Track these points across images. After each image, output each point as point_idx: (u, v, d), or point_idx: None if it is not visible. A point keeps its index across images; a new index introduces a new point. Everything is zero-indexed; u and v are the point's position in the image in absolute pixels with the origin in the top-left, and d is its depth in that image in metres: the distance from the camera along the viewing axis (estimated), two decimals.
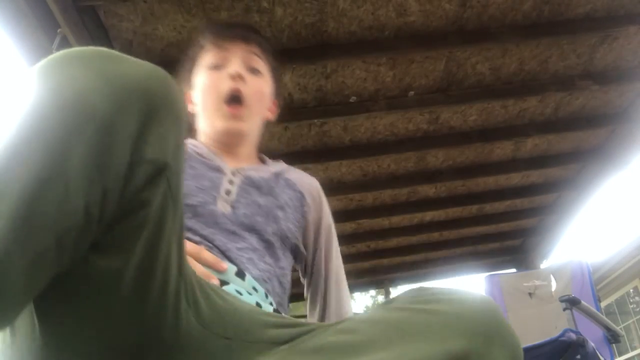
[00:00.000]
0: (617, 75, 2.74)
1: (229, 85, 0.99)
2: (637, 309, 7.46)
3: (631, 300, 7.56)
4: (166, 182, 0.51)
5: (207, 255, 0.80)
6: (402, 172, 3.31)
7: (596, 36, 2.50)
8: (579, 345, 2.01)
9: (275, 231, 0.93)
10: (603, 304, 6.98)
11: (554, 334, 2.08)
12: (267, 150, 3.20)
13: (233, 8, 2.08)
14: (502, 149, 3.27)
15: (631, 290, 7.39)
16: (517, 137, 3.10)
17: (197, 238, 0.84)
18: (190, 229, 0.84)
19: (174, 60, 2.24)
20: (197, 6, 2.05)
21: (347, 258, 4.76)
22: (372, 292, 16.76)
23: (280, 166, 1.10)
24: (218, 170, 0.97)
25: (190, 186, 0.90)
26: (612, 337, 2.44)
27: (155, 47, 2.21)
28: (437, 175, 3.38)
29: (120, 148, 0.46)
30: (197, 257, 0.78)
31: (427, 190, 3.60)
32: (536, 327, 2.87)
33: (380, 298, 16.08)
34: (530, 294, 3.09)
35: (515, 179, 3.63)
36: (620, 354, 6.91)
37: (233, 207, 0.91)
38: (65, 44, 1.99)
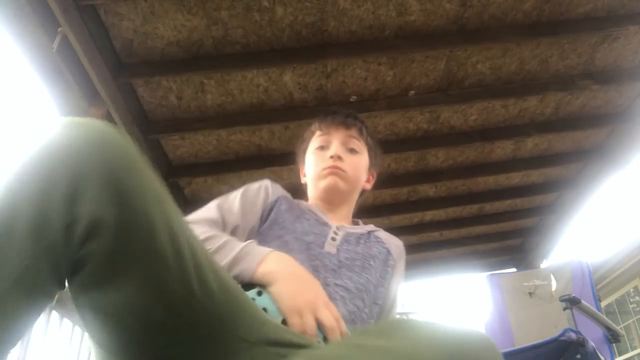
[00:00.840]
0: (617, 75, 2.74)
1: (329, 164, 1.22)
2: (637, 309, 7.46)
3: (631, 300, 7.56)
4: (110, 229, 0.55)
5: (343, 327, 0.86)
6: (403, 171, 3.31)
7: (597, 36, 2.51)
8: (579, 344, 2.00)
9: (369, 278, 1.07)
10: (603, 304, 6.98)
11: (554, 333, 2.08)
12: (268, 149, 3.22)
13: (234, 7, 2.08)
14: (503, 149, 3.27)
15: (631, 290, 7.38)
16: (517, 137, 3.10)
17: (305, 266, 0.97)
18: (302, 260, 0.98)
19: (174, 59, 2.27)
20: (197, 5, 2.05)
21: None
22: None
23: (371, 227, 1.28)
24: (325, 224, 1.18)
25: (306, 229, 1.12)
26: (612, 337, 2.44)
27: (156, 46, 2.21)
28: (437, 175, 3.38)
29: (56, 209, 0.54)
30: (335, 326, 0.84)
31: (428, 189, 3.60)
32: (536, 327, 2.87)
33: None
34: (530, 293, 3.09)
35: (515, 178, 3.63)
36: (620, 354, 6.90)
37: (338, 250, 1.10)
38: (65, 43, 1.99)
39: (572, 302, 2.20)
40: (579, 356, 2.03)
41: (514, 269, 4.71)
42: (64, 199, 0.54)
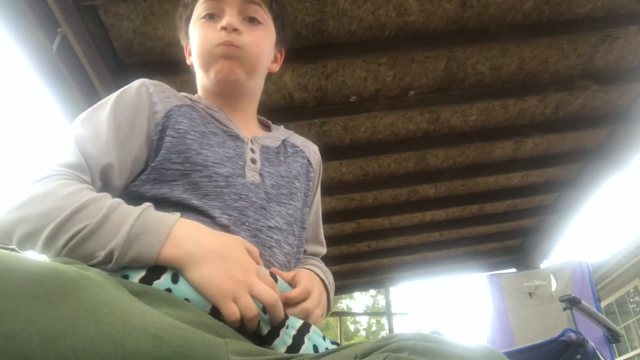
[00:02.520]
0: (617, 75, 2.74)
1: (221, 39, 0.90)
2: (637, 309, 7.46)
3: (631, 300, 7.56)
4: None
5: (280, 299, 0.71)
6: (403, 171, 3.31)
7: (596, 36, 2.51)
8: (579, 345, 2.01)
9: (297, 205, 0.91)
10: (603, 304, 6.98)
11: (554, 333, 2.08)
12: None
13: None
14: (503, 149, 3.27)
15: (631, 290, 7.38)
16: (517, 137, 3.10)
17: (225, 217, 0.77)
18: (222, 209, 0.78)
19: (174, 59, 2.26)
20: None
21: (347, 258, 4.77)
22: (372, 291, 16.79)
23: (284, 132, 1.05)
24: (237, 137, 0.91)
25: (218, 154, 0.84)
26: (612, 337, 2.44)
27: (156, 46, 2.21)
28: (437, 175, 3.39)
29: None
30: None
31: (427, 190, 3.60)
32: (536, 327, 2.87)
33: (381, 298, 16.08)
34: (530, 293, 3.09)
35: (515, 179, 3.63)
36: (620, 354, 6.90)
37: (261, 175, 0.87)
38: (65, 43, 1.99)
39: (572, 302, 2.20)
40: (579, 356, 2.03)
41: (514, 269, 4.72)
42: None
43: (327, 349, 0.68)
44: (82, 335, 0.44)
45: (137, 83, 0.92)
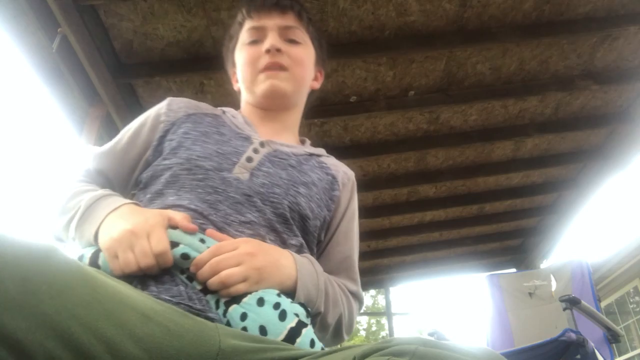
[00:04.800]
0: (617, 75, 2.75)
1: (266, 60, 0.97)
2: (637, 309, 7.46)
3: (631, 300, 7.56)
4: None
5: (176, 217, 0.75)
6: (402, 171, 3.31)
7: (596, 36, 2.51)
8: (579, 345, 2.00)
9: (293, 206, 0.86)
10: (603, 304, 6.98)
11: (554, 333, 2.08)
12: None
13: (233, 7, 2.08)
14: (502, 149, 3.27)
15: (631, 290, 7.38)
16: (517, 137, 3.10)
17: (192, 208, 0.79)
18: (190, 200, 0.80)
19: (174, 59, 2.27)
20: (197, 5, 2.05)
21: None
22: (372, 291, 16.78)
23: (319, 150, 1.05)
24: (246, 139, 0.94)
25: (209, 149, 0.88)
26: (612, 337, 2.44)
27: (156, 46, 2.21)
28: (437, 175, 3.39)
29: None
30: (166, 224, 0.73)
31: (427, 190, 3.60)
32: (536, 327, 2.87)
33: (381, 298, 16.09)
34: (530, 294, 3.09)
35: (515, 179, 3.63)
36: (620, 354, 6.90)
37: (252, 174, 0.87)
38: (65, 43, 1.99)
39: (572, 303, 2.20)
40: (578, 356, 2.03)
41: (514, 269, 4.72)
42: None
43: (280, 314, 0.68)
44: (79, 297, 0.49)
45: (162, 102, 1.03)
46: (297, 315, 0.70)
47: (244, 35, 1.03)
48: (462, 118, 2.92)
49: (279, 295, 0.71)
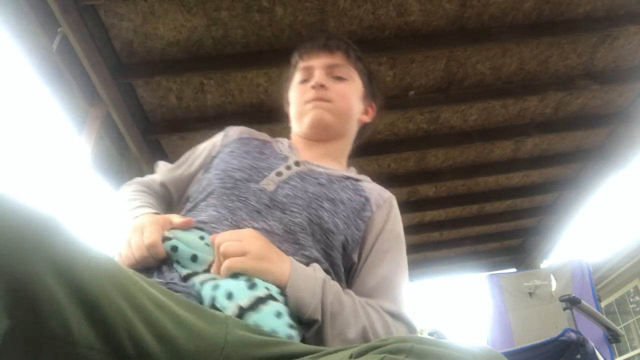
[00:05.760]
0: (617, 75, 2.74)
1: (313, 95, 1.05)
2: (637, 309, 7.46)
3: (631, 300, 7.56)
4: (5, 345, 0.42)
5: (175, 220, 0.84)
6: (402, 171, 3.31)
7: (596, 36, 2.51)
8: (579, 344, 2.00)
9: (314, 218, 0.87)
10: (603, 304, 6.98)
11: (554, 333, 2.08)
12: None
13: (233, 7, 2.08)
14: (502, 149, 3.27)
15: (631, 290, 7.38)
16: (517, 137, 3.10)
17: (214, 214, 0.86)
18: (215, 206, 0.87)
19: (174, 59, 2.26)
20: (197, 5, 2.05)
21: None
22: None
23: (359, 176, 1.07)
24: (283, 158, 1.01)
25: (245, 163, 0.96)
26: (612, 337, 2.44)
27: (156, 46, 2.21)
28: (437, 175, 3.39)
29: None
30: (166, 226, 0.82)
31: (427, 189, 3.60)
32: (536, 327, 2.87)
33: None
34: (530, 293, 3.09)
35: (515, 178, 3.63)
36: (620, 354, 6.90)
37: (278, 187, 0.91)
38: (65, 43, 1.99)
39: (572, 302, 2.20)
40: (579, 356, 2.03)
41: (514, 269, 4.71)
42: None
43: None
44: (108, 272, 0.51)
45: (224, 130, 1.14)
46: (268, 289, 0.71)
47: (296, 76, 1.14)
48: (462, 118, 2.92)
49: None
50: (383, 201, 1.02)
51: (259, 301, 0.68)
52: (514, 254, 4.74)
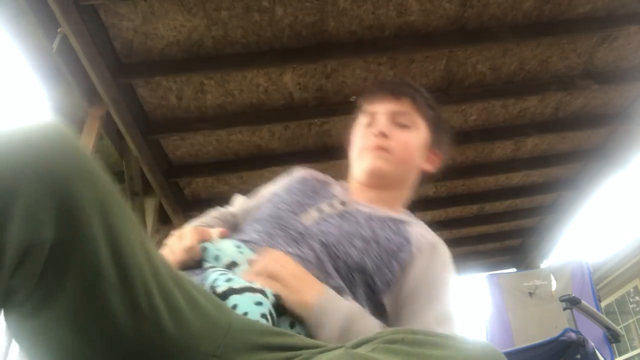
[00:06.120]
0: (617, 75, 2.74)
1: (373, 142, 1.05)
2: (637, 309, 7.46)
3: (631, 300, 7.56)
4: (46, 253, 0.49)
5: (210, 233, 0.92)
6: None
7: (596, 36, 2.51)
8: (579, 344, 2.00)
9: (341, 255, 0.88)
10: (603, 304, 6.97)
11: (554, 333, 2.08)
12: (268, 149, 3.21)
13: (233, 7, 2.08)
14: (502, 149, 3.27)
15: (631, 290, 7.38)
16: (517, 137, 3.10)
17: (255, 236, 0.92)
18: (258, 231, 0.94)
19: (175, 59, 2.26)
20: (197, 5, 2.05)
21: None
22: None
23: (407, 218, 1.04)
24: (329, 197, 1.04)
25: (294, 199, 1.02)
26: (612, 337, 2.44)
27: (156, 46, 2.21)
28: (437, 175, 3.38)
29: None
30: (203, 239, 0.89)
31: (427, 189, 3.60)
32: (536, 327, 2.87)
33: None
34: (530, 293, 3.09)
35: (515, 178, 3.63)
36: (620, 354, 6.90)
37: (316, 222, 0.95)
38: (65, 43, 1.99)
39: (572, 302, 2.20)
40: (579, 356, 2.03)
41: (514, 269, 4.71)
42: None
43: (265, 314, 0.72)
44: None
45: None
46: (264, 289, 0.76)
47: (360, 119, 1.15)
48: (462, 118, 2.91)
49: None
50: (428, 245, 0.98)
51: (249, 289, 0.73)
52: (513, 254, 4.74)
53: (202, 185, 3.16)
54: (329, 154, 2.89)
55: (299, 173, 1.17)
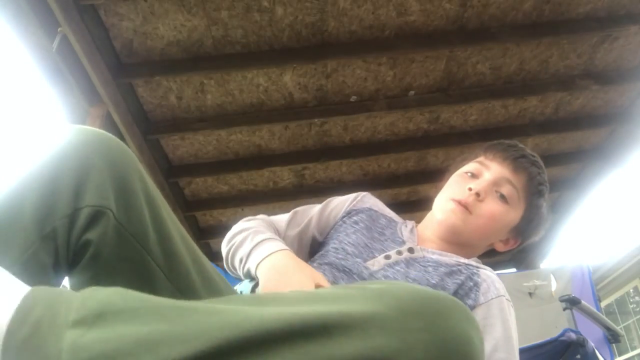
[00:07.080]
0: (617, 75, 2.74)
1: (463, 197, 1.00)
2: (637, 309, 7.46)
3: (631, 300, 7.56)
4: (110, 220, 0.61)
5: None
6: (403, 171, 3.31)
7: (597, 36, 2.50)
8: (579, 345, 2.00)
9: None
10: (603, 304, 6.97)
11: (554, 333, 2.07)
12: (268, 149, 3.21)
13: (233, 7, 2.08)
14: None
15: (631, 290, 7.38)
16: (517, 137, 3.09)
17: (324, 274, 0.90)
18: (324, 270, 0.94)
19: (175, 59, 2.26)
20: (197, 5, 2.05)
21: None
22: None
23: (478, 264, 1.00)
24: (399, 243, 1.01)
25: (361, 240, 1.00)
26: (612, 337, 2.44)
27: (156, 46, 2.21)
28: (437, 175, 3.37)
29: (63, 198, 0.59)
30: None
31: (428, 189, 3.60)
32: (536, 327, 2.87)
33: None
34: (530, 293, 3.09)
35: None
36: (620, 354, 6.90)
37: (381, 269, 0.94)
38: (65, 43, 1.99)
39: (572, 302, 2.20)
40: (578, 356, 2.03)
41: (513, 269, 4.71)
42: (70, 189, 0.59)
43: None
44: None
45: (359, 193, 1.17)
46: None
47: (469, 165, 1.11)
48: (462, 118, 2.91)
49: None
50: (494, 295, 0.92)
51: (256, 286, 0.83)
52: (513, 254, 4.74)
53: (202, 185, 3.16)
54: (329, 154, 2.90)
55: (368, 200, 1.13)
